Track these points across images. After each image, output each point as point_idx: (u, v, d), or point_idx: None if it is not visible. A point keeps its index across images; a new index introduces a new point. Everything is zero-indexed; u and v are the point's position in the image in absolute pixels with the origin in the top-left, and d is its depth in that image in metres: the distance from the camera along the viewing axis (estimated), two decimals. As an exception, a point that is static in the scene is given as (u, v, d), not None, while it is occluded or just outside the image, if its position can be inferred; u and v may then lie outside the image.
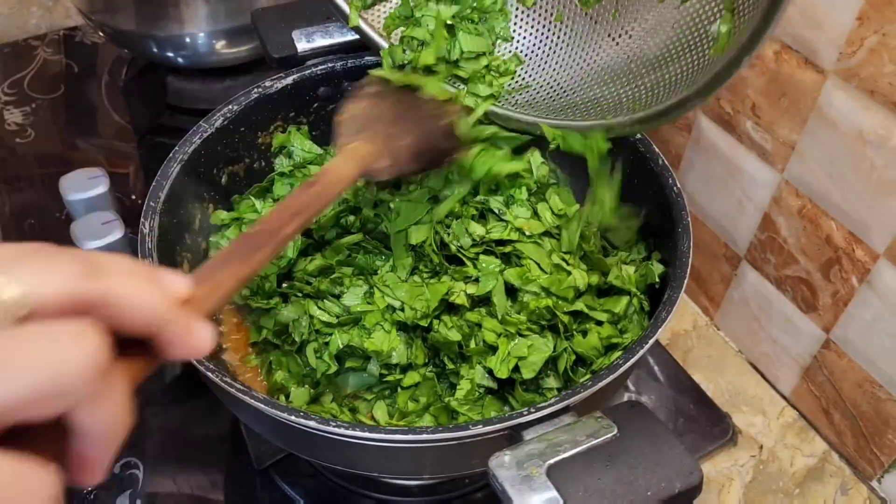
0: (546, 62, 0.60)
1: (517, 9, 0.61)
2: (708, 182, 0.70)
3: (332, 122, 0.50)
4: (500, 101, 0.61)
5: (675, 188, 0.57)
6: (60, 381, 0.23)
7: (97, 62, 1.07)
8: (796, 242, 0.63)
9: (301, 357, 0.58)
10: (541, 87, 0.60)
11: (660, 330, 0.48)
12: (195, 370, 0.47)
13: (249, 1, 0.86)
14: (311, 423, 0.43)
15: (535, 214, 0.62)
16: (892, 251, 0.55)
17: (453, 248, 0.59)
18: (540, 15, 0.60)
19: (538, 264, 0.58)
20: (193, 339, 0.28)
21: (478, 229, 0.60)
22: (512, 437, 0.43)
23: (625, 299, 0.57)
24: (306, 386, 0.57)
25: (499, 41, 0.61)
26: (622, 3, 0.55)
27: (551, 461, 0.39)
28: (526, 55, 0.61)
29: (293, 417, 0.43)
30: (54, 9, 1.15)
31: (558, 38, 0.59)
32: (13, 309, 0.23)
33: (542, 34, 0.60)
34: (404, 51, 0.60)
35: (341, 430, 0.43)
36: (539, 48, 0.61)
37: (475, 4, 0.59)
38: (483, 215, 0.62)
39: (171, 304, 0.27)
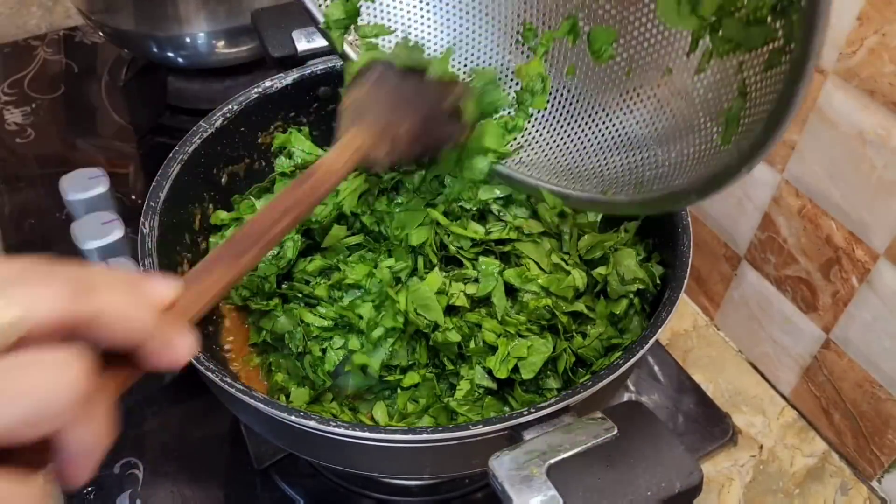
0: (552, 121, 0.57)
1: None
2: (708, 182, 0.70)
3: (334, 118, 0.48)
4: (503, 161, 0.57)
5: (675, 188, 0.57)
6: (47, 410, 0.23)
7: (97, 62, 1.07)
8: (796, 242, 0.63)
9: (300, 361, 0.58)
10: (545, 144, 0.57)
11: (660, 330, 0.48)
12: (195, 370, 0.47)
13: (249, 1, 0.86)
14: (311, 423, 0.43)
15: (535, 214, 0.62)
16: (892, 251, 0.55)
17: (452, 248, 0.59)
18: (550, 72, 0.57)
19: (537, 264, 0.58)
20: (172, 352, 0.28)
21: (477, 229, 0.60)
22: (512, 437, 0.43)
23: (624, 300, 0.57)
24: (306, 386, 0.57)
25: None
26: (636, 63, 0.51)
27: (551, 461, 0.39)
28: (532, 113, 0.57)
29: (293, 417, 0.43)
30: (54, 9, 1.15)
31: (567, 98, 0.56)
32: (9, 333, 0.23)
33: (551, 94, 0.57)
34: None
35: (341, 430, 0.43)
36: (547, 108, 0.57)
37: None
38: (482, 215, 0.62)
39: (156, 317, 0.28)
